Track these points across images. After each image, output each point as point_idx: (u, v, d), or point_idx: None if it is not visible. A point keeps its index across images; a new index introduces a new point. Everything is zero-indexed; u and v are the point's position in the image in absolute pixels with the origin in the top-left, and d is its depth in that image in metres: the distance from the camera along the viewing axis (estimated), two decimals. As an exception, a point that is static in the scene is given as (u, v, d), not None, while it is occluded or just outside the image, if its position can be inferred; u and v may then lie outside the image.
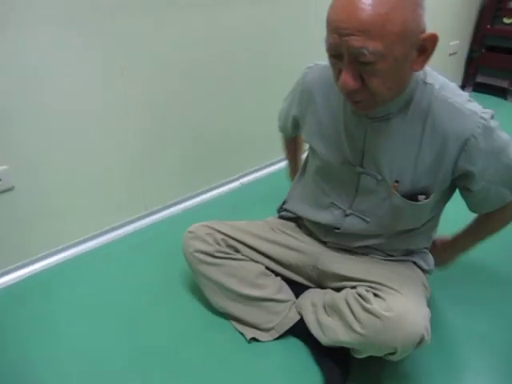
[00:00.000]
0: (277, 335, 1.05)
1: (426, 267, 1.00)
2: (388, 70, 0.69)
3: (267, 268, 1.09)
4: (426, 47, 0.70)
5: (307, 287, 1.08)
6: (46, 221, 1.32)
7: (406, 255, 1.00)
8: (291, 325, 1.04)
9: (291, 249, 1.07)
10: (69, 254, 1.40)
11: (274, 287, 1.06)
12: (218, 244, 1.07)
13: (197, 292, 1.18)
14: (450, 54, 2.80)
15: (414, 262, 1.00)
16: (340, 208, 0.97)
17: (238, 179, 1.86)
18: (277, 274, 1.10)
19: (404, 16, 0.65)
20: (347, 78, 0.71)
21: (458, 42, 2.80)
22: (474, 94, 2.92)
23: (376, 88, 0.72)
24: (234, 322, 1.10)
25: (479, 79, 2.94)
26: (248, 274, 1.06)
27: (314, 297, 1.02)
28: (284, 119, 1.13)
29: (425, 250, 1.03)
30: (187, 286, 1.23)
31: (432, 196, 0.86)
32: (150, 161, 1.50)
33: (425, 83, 0.80)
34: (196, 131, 1.60)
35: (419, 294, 0.89)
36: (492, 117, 0.78)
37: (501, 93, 2.82)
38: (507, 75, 2.75)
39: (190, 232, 1.09)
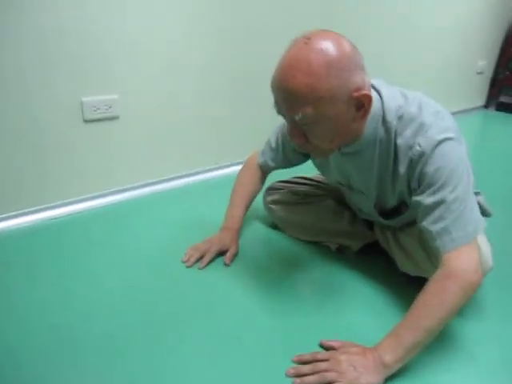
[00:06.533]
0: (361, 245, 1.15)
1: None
2: (325, 128, 0.76)
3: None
4: (362, 103, 0.76)
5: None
6: (139, 154, 1.46)
7: None
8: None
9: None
10: (153, 189, 1.52)
11: (348, 219, 1.18)
12: (295, 195, 1.21)
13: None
14: (478, 73, 3.02)
15: None
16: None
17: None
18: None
19: (329, 83, 0.70)
20: (293, 135, 0.79)
21: (486, 62, 3.03)
22: (496, 112, 3.14)
23: (319, 143, 0.78)
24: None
25: (502, 99, 3.18)
26: (323, 211, 1.19)
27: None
28: (281, 146, 1.11)
29: None
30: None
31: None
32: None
33: (384, 121, 0.82)
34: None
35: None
36: (443, 140, 0.77)
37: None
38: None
39: (268, 189, 1.25)
